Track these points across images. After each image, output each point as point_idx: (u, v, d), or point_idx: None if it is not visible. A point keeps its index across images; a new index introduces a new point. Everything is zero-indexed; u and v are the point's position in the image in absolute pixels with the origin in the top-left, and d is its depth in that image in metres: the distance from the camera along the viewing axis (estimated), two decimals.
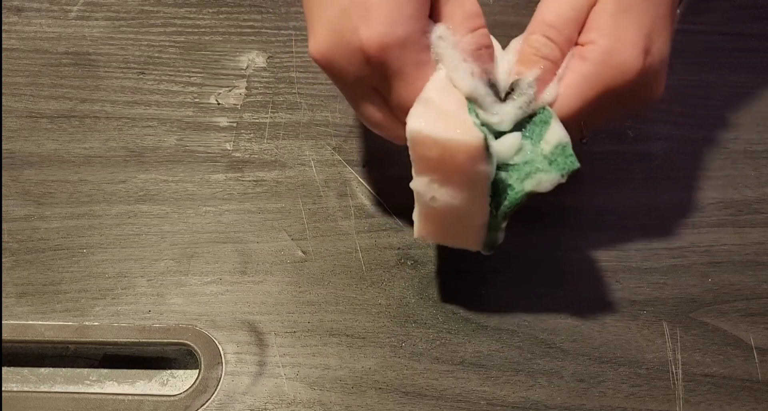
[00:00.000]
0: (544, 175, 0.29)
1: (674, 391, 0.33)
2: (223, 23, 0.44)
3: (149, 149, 0.40)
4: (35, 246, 0.36)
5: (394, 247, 0.37)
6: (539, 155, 0.29)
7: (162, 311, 0.35)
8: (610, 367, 0.34)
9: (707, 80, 0.43)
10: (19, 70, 0.42)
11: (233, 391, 0.33)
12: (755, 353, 0.35)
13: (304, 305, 0.35)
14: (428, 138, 0.27)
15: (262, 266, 0.36)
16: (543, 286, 0.36)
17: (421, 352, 0.34)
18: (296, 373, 0.33)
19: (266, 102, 0.42)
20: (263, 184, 0.39)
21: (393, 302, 0.35)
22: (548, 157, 0.29)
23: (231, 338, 0.34)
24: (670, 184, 0.40)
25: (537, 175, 0.29)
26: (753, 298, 0.36)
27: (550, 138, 0.29)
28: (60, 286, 0.35)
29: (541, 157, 0.29)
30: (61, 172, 0.39)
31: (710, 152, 0.41)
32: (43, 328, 0.34)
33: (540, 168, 0.29)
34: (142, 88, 0.42)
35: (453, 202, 0.29)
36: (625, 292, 0.36)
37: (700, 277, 0.36)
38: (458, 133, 0.27)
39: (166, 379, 0.34)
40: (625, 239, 0.37)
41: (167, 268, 0.36)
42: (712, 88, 0.43)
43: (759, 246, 0.38)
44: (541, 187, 0.29)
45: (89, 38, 0.44)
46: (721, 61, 0.41)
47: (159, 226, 0.37)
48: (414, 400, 0.33)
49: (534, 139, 0.30)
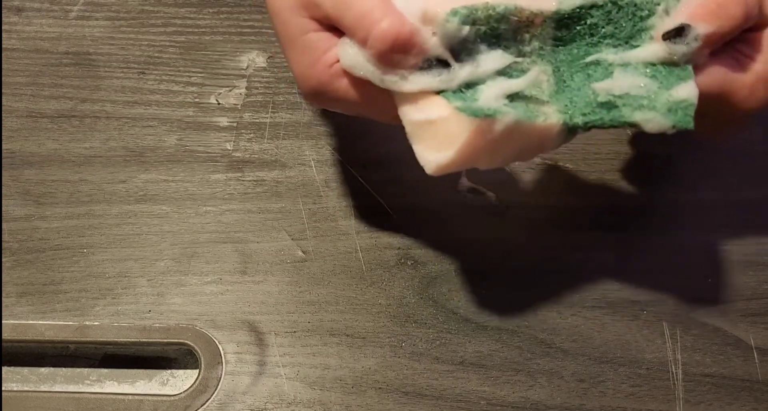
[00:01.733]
0: (657, 117, 0.28)
1: (674, 391, 0.33)
2: (224, 23, 0.44)
3: (149, 149, 0.40)
4: (35, 246, 0.36)
5: (394, 247, 0.37)
6: (663, 99, 0.28)
7: (162, 311, 0.35)
8: (610, 367, 0.34)
9: None
10: (19, 70, 0.42)
11: (233, 391, 0.33)
12: (755, 353, 0.35)
13: (304, 305, 0.35)
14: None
15: (263, 266, 0.36)
16: (543, 286, 0.36)
17: (421, 352, 0.34)
18: (296, 373, 0.33)
19: (266, 102, 0.42)
20: (263, 184, 0.39)
21: (393, 302, 0.35)
22: (671, 105, 0.28)
23: (231, 338, 0.34)
24: (670, 183, 0.40)
25: (651, 113, 0.28)
26: (753, 299, 0.36)
27: (680, 92, 0.28)
28: (60, 285, 0.35)
29: (664, 101, 0.28)
30: (61, 172, 0.39)
31: (713, 152, 0.41)
32: (43, 328, 0.34)
33: (657, 109, 0.28)
34: (143, 88, 0.42)
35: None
36: (625, 292, 0.36)
37: (700, 277, 0.36)
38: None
39: (166, 379, 0.34)
40: (625, 239, 0.37)
41: (167, 268, 0.36)
42: None
43: (759, 246, 0.38)
44: (648, 125, 0.28)
45: (90, 38, 0.44)
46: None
47: (159, 225, 0.37)
48: (414, 400, 0.33)
49: (663, 84, 0.28)
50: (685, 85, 0.28)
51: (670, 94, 0.28)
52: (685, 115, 0.28)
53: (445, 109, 0.27)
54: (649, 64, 0.29)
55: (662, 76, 0.29)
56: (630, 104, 0.28)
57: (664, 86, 0.28)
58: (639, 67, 0.29)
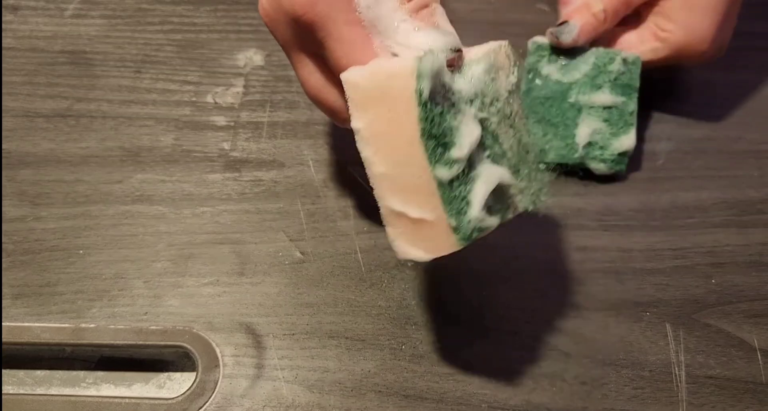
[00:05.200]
0: (604, 166, 0.36)
1: (677, 393, 0.33)
2: (221, 21, 0.44)
3: (146, 149, 0.39)
4: (31, 247, 0.36)
5: None
6: (611, 150, 0.35)
7: (159, 313, 0.34)
8: (613, 370, 0.34)
9: (712, 79, 0.43)
10: (15, 69, 0.42)
11: (231, 394, 0.32)
12: (759, 355, 0.34)
13: (303, 307, 0.35)
14: (364, 75, 0.26)
15: (260, 267, 0.36)
16: (545, 287, 0.36)
17: (422, 355, 0.34)
18: (295, 376, 0.33)
19: (264, 101, 0.41)
20: (261, 184, 0.38)
21: (393, 304, 0.35)
22: (614, 157, 0.38)
23: (228, 340, 0.34)
24: (673, 183, 0.39)
25: (602, 164, 0.31)
26: (756, 300, 0.36)
27: (624, 143, 0.38)
28: (56, 287, 0.35)
29: (612, 153, 0.36)
30: (57, 172, 0.38)
31: (714, 152, 0.40)
32: (39, 330, 0.34)
33: (606, 160, 0.35)
34: (139, 87, 0.41)
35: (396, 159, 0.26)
36: (628, 293, 0.36)
37: (703, 278, 0.36)
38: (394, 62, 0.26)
39: (163, 382, 0.34)
40: (628, 240, 0.37)
41: (164, 270, 0.36)
42: (717, 88, 0.43)
43: (763, 247, 0.37)
44: (598, 171, 0.36)
45: (85, 37, 0.43)
46: (726, 60, 0.41)
47: (156, 226, 0.37)
48: (414, 403, 0.32)
49: (613, 131, 0.37)
50: (626, 137, 0.37)
51: (616, 146, 0.33)
52: (623, 164, 0.37)
53: (433, 213, 0.26)
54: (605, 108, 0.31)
55: (614, 119, 0.34)
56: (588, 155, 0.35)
57: (614, 134, 0.35)
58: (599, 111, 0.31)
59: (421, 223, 0.26)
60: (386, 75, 0.26)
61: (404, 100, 0.25)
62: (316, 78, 0.30)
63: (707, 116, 0.42)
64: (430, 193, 0.26)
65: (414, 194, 0.26)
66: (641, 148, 0.40)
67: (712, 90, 0.43)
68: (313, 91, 0.31)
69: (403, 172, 0.26)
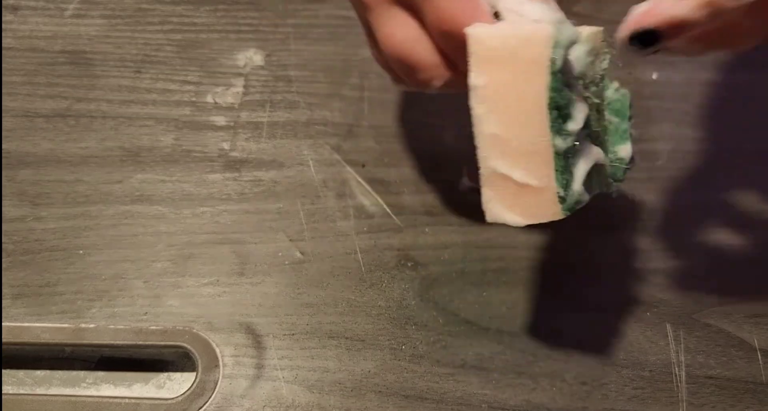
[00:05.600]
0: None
1: (677, 393, 0.33)
2: (221, 21, 0.44)
3: (146, 149, 0.39)
4: (31, 247, 0.36)
5: (394, 248, 0.36)
6: (610, 154, 0.31)
7: (158, 313, 0.34)
8: (613, 370, 0.33)
9: (712, 79, 0.43)
10: (14, 69, 0.42)
11: (231, 395, 0.32)
12: (759, 355, 0.34)
13: (303, 307, 0.35)
14: (493, 34, 0.25)
15: (260, 267, 0.36)
16: (545, 287, 0.36)
17: (422, 355, 0.34)
18: (294, 376, 0.33)
19: (264, 101, 0.41)
20: (261, 184, 0.38)
21: (393, 304, 0.35)
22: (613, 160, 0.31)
23: (228, 340, 0.34)
24: (673, 183, 0.39)
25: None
26: (757, 300, 0.36)
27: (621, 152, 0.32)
28: (56, 287, 0.35)
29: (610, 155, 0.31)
30: (56, 172, 0.38)
31: (714, 152, 0.40)
32: (39, 331, 0.34)
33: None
34: (139, 86, 0.41)
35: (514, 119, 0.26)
36: (628, 293, 0.35)
37: (703, 278, 0.36)
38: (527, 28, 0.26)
39: (163, 382, 0.34)
40: (628, 240, 0.37)
41: (164, 270, 0.36)
42: (717, 87, 0.43)
43: (763, 247, 0.37)
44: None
45: (85, 37, 0.43)
46: (725, 59, 0.41)
47: (155, 226, 0.37)
48: (414, 403, 0.32)
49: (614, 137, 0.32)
50: (624, 147, 0.32)
51: (614, 150, 0.31)
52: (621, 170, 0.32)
53: (542, 180, 0.26)
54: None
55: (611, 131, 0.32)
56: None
57: (612, 143, 0.32)
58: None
59: (526, 188, 0.26)
60: (520, 38, 0.25)
61: (537, 67, 0.25)
62: (406, 31, 0.28)
63: (707, 116, 0.42)
64: (545, 160, 0.26)
65: (526, 159, 0.26)
66: (641, 148, 0.40)
67: (712, 90, 0.43)
68: (400, 47, 0.28)
69: (521, 136, 0.26)
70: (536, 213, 0.27)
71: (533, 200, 0.27)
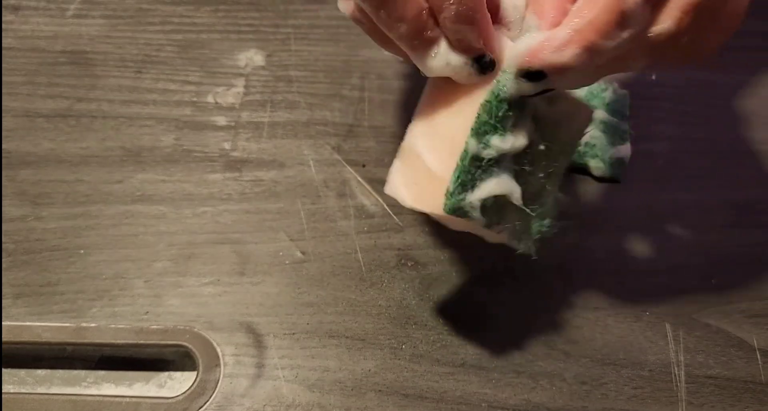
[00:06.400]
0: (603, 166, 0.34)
1: (677, 393, 0.33)
2: (221, 21, 0.44)
3: (146, 149, 0.39)
4: (32, 247, 0.36)
5: (394, 247, 0.36)
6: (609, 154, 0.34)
7: (159, 313, 0.34)
8: (613, 369, 0.34)
9: (711, 79, 0.43)
10: (15, 69, 0.42)
11: (231, 394, 0.32)
12: (758, 355, 0.34)
13: (303, 306, 0.35)
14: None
15: (261, 267, 0.36)
16: (544, 287, 0.36)
17: (422, 354, 0.34)
18: (295, 376, 0.33)
19: (265, 101, 0.41)
20: (262, 184, 0.38)
21: (393, 303, 0.35)
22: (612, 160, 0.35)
23: (229, 340, 0.34)
24: (673, 183, 0.39)
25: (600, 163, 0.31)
26: (756, 300, 0.36)
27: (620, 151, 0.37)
28: (57, 287, 0.35)
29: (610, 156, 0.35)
30: (57, 172, 0.38)
31: (714, 152, 0.40)
32: (40, 330, 0.34)
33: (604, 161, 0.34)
34: (140, 87, 0.41)
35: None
36: (628, 293, 0.36)
37: (703, 278, 0.36)
38: None
39: (164, 381, 0.34)
40: (627, 240, 0.37)
41: (164, 269, 0.36)
42: (716, 88, 0.43)
43: (763, 247, 0.37)
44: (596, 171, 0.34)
45: (86, 37, 0.43)
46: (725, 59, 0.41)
47: (156, 226, 0.37)
48: (414, 402, 0.32)
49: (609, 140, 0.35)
50: (623, 147, 0.36)
51: (613, 151, 0.33)
52: (620, 169, 0.36)
53: (444, 171, 0.26)
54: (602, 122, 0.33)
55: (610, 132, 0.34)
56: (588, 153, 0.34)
57: (611, 143, 0.34)
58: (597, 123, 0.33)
59: (428, 174, 0.27)
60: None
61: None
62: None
63: (707, 116, 0.42)
64: (454, 152, 0.26)
65: (441, 144, 0.27)
66: (641, 148, 0.40)
67: (712, 90, 0.43)
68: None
69: (447, 123, 0.27)
70: (425, 200, 0.27)
71: (428, 187, 0.27)
